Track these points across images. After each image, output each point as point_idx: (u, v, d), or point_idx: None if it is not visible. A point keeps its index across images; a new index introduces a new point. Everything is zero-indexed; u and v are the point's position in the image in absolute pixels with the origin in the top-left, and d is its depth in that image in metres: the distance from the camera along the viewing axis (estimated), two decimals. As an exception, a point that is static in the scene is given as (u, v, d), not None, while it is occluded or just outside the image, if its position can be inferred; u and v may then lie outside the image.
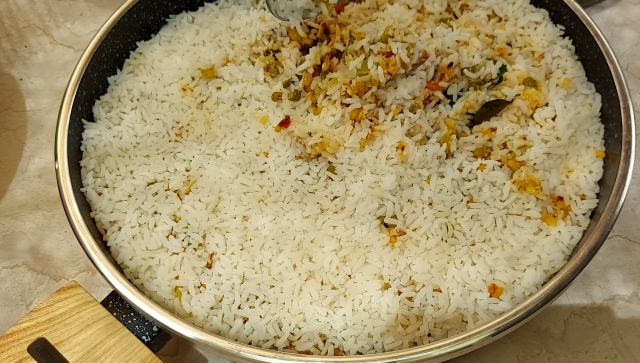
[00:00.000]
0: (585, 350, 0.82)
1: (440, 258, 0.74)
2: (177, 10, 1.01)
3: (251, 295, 0.74)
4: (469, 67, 0.85)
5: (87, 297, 0.75)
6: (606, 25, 1.14)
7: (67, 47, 1.20)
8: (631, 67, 1.09)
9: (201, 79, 0.91)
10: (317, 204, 0.79)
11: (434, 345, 0.65)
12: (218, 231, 0.78)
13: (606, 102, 0.84)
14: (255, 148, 0.84)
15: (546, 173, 0.79)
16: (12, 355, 0.71)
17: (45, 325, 0.73)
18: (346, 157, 0.80)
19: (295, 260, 0.75)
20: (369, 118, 0.81)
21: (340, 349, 0.71)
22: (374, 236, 0.75)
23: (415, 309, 0.72)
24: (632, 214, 0.93)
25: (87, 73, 0.88)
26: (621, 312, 0.84)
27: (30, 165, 1.05)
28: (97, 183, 0.84)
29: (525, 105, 0.82)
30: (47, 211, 0.99)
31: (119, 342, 0.72)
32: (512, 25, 0.92)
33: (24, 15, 1.26)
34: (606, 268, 0.88)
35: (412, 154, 0.78)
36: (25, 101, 1.12)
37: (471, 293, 0.72)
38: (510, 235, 0.75)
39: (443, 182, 0.78)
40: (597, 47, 0.85)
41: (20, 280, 0.93)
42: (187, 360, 0.84)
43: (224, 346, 0.67)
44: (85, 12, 1.25)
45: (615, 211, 0.72)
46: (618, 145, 0.77)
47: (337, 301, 0.73)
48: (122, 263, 0.78)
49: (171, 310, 0.74)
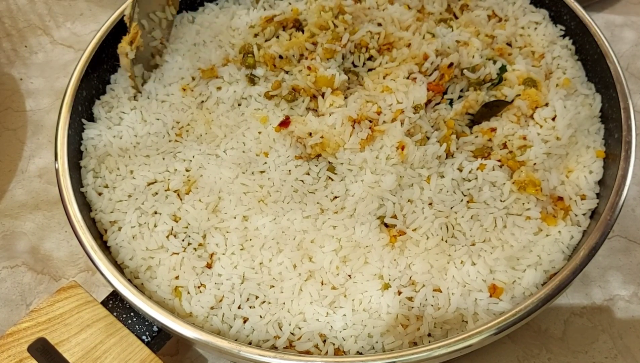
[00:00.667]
0: (585, 350, 0.82)
1: (440, 258, 0.74)
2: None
3: (251, 295, 0.74)
4: (469, 68, 0.85)
5: (87, 297, 0.75)
6: (606, 26, 1.14)
7: (67, 47, 1.20)
8: (631, 67, 1.09)
9: (201, 79, 0.91)
10: (317, 204, 0.79)
11: (434, 345, 0.65)
12: (218, 231, 0.78)
13: (606, 103, 0.84)
14: (255, 148, 0.84)
15: (546, 173, 0.79)
16: (12, 355, 0.71)
17: (45, 325, 0.73)
18: (346, 157, 0.80)
19: (295, 260, 0.75)
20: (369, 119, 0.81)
21: (340, 349, 0.71)
22: (374, 236, 0.75)
23: (415, 309, 0.72)
24: (632, 214, 0.93)
25: (87, 73, 0.88)
26: (621, 312, 0.84)
27: (31, 165, 1.05)
28: (97, 183, 0.84)
29: (525, 105, 0.82)
30: (47, 211, 0.99)
31: (119, 342, 0.72)
32: (512, 26, 0.92)
33: (24, 15, 1.26)
34: (606, 268, 0.88)
35: (412, 154, 0.78)
36: (25, 101, 1.13)
37: (471, 293, 0.72)
38: (510, 235, 0.75)
39: (443, 182, 0.78)
40: (597, 47, 0.85)
41: (20, 280, 0.93)
42: (187, 360, 0.85)
43: (224, 346, 0.67)
44: (85, 12, 1.25)
45: (615, 211, 0.72)
46: (618, 145, 0.77)
47: (337, 301, 0.73)
48: (122, 263, 0.78)
49: (171, 310, 0.74)
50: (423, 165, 0.79)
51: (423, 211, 0.77)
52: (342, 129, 0.80)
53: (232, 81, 0.91)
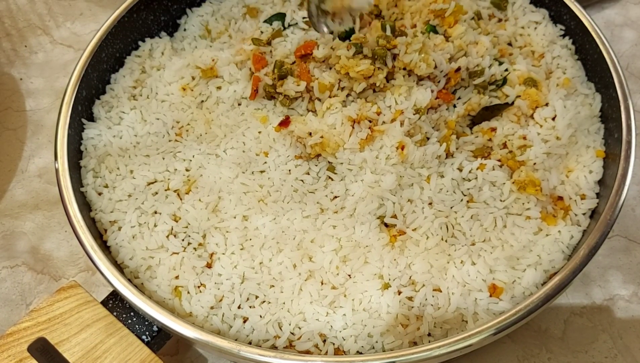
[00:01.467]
0: (585, 350, 0.82)
1: (440, 257, 0.74)
2: (178, 9, 1.01)
3: (251, 295, 0.74)
4: (475, 70, 0.84)
5: (87, 297, 0.75)
6: (606, 25, 1.14)
7: (67, 47, 1.20)
8: (631, 67, 1.09)
9: (201, 79, 0.91)
10: (317, 204, 0.79)
11: (433, 345, 0.65)
12: (218, 231, 0.78)
13: (606, 102, 0.84)
14: (255, 148, 0.84)
15: (546, 172, 0.79)
16: (12, 355, 0.71)
17: (45, 325, 0.73)
18: (346, 157, 0.80)
19: (295, 259, 0.75)
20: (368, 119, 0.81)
21: (340, 349, 0.71)
22: (374, 236, 0.75)
23: (415, 309, 0.72)
24: (632, 214, 0.93)
25: (87, 73, 0.88)
26: (621, 312, 0.84)
27: (30, 165, 1.05)
28: (97, 182, 0.84)
29: (525, 105, 0.82)
30: (47, 211, 0.99)
31: (118, 342, 0.72)
32: (512, 25, 0.92)
33: (24, 15, 1.26)
34: (606, 268, 0.88)
35: (412, 153, 0.78)
36: (25, 101, 1.12)
37: (471, 292, 0.72)
38: (510, 235, 0.75)
39: (443, 182, 0.78)
40: (597, 47, 0.85)
41: (20, 279, 0.93)
42: (187, 359, 0.85)
43: (224, 346, 0.67)
44: (85, 11, 1.25)
45: (615, 211, 0.72)
46: (618, 145, 0.77)
47: (337, 301, 0.73)
48: (122, 262, 0.78)
49: (171, 309, 0.74)
50: (423, 165, 0.79)
51: (423, 211, 0.77)
52: (342, 129, 0.80)
53: (232, 81, 0.91)
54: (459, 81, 0.84)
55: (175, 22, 1.02)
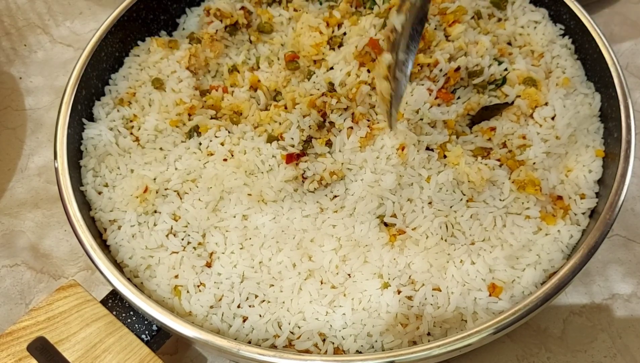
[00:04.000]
0: (584, 349, 0.82)
1: (440, 257, 0.74)
2: (177, 9, 1.01)
3: (251, 294, 0.74)
4: (475, 71, 0.84)
5: (87, 296, 0.75)
6: (606, 25, 1.14)
7: (66, 46, 1.20)
8: (630, 66, 1.09)
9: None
10: (316, 203, 0.79)
11: (433, 344, 0.65)
12: (218, 230, 0.78)
13: (605, 102, 0.84)
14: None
15: (546, 172, 0.79)
16: (12, 354, 0.71)
17: (45, 324, 0.73)
18: (346, 157, 0.80)
19: (294, 259, 0.75)
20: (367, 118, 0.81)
21: (339, 348, 0.71)
22: (373, 235, 0.75)
23: (415, 308, 0.72)
24: (631, 213, 0.93)
25: (86, 72, 0.87)
26: (620, 311, 0.85)
27: (30, 164, 1.05)
28: (97, 181, 0.84)
29: (525, 104, 0.82)
30: (46, 210, 0.99)
31: (118, 341, 0.72)
32: (511, 25, 0.92)
33: (24, 13, 1.25)
34: (605, 267, 0.88)
35: (412, 154, 0.78)
36: (24, 100, 1.12)
37: (470, 292, 0.72)
38: (510, 234, 0.75)
39: (443, 181, 0.78)
40: (596, 47, 0.85)
41: (20, 278, 0.93)
42: (186, 359, 0.85)
43: (223, 345, 0.67)
44: (85, 10, 1.25)
45: (614, 210, 0.72)
46: (617, 144, 0.77)
47: (337, 300, 0.73)
48: (122, 261, 0.78)
49: (171, 308, 0.74)
50: (423, 165, 0.79)
51: (423, 210, 0.77)
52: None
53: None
54: (459, 80, 0.84)
55: (174, 22, 1.02)
